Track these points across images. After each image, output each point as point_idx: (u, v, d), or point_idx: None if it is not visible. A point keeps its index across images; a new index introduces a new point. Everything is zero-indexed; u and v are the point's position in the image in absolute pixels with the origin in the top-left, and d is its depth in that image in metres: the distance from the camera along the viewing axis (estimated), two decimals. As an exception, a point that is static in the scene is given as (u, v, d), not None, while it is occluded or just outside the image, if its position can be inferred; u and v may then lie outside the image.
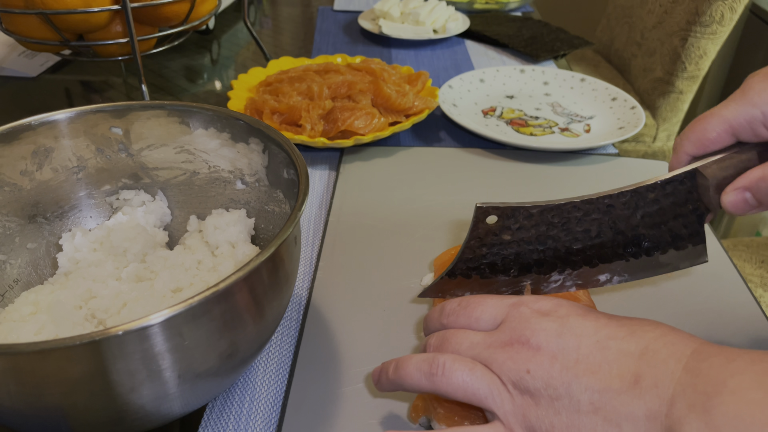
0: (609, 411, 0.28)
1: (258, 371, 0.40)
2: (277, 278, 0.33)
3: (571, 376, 0.29)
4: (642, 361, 0.28)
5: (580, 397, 0.28)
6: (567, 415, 0.28)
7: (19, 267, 0.42)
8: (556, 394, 0.29)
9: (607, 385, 0.28)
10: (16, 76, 0.83)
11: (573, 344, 0.30)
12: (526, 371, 0.30)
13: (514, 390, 0.30)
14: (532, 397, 0.29)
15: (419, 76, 0.72)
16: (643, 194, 0.35)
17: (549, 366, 0.29)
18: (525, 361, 0.30)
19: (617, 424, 0.27)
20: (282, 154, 0.40)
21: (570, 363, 0.29)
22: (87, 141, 0.44)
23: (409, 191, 0.58)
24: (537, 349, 0.30)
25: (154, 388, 0.29)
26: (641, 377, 0.28)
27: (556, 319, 0.31)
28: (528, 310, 0.32)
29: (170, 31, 0.70)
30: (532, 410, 0.29)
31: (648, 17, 1.44)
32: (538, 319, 0.31)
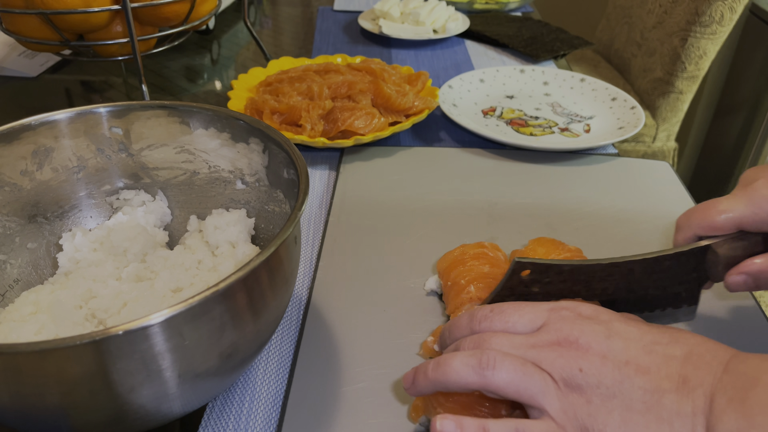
0: (661, 410, 0.28)
1: (258, 371, 0.40)
2: (277, 278, 0.33)
3: (623, 375, 0.29)
4: (687, 364, 0.30)
5: (633, 396, 0.29)
6: (620, 413, 0.29)
7: (19, 267, 0.42)
8: (608, 392, 0.29)
9: (658, 385, 0.29)
10: (16, 76, 0.83)
11: (621, 346, 0.31)
12: (578, 369, 0.30)
13: (565, 388, 0.30)
14: (584, 395, 0.30)
15: (419, 76, 0.72)
16: (660, 262, 0.38)
17: (600, 365, 0.30)
18: (576, 359, 0.30)
19: (669, 422, 0.28)
20: (282, 154, 0.40)
21: (621, 363, 0.30)
22: (87, 141, 0.44)
23: (409, 191, 0.58)
24: (587, 349, 0.31)
25: (154, 387, 0.29)
26: (688, 378, 0.29)
27: (600, 322, 0.32)
28: (570, 314, 0.33)
29: (170, 31, 0.70)
30: (584, 408, 0.29)
31: (648, 17, 1.44)
32: (583, 320, 0.32)
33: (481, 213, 0.55)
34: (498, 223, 0.54)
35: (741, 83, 1.60)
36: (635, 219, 0.55)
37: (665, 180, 0.61)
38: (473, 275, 0.42)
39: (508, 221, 0.54)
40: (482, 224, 0.54)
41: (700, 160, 1.75)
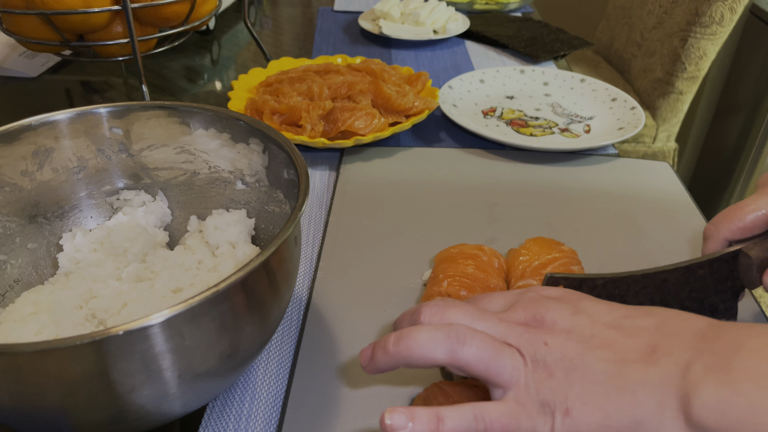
0: (622, 379, 0.27)
1: (258, 371, 0.40)
2: (277, 278, 0.33)
3: (585, 348, 0.29)
4: (658, 333, 0.28)
5: (595, 368, 0.28)
6: (581, 385, 0.28)
7: (19, 267, 0.42)
8: (571, 365, 0.28)
9: (622, 356, 0.28)
10: (16, 76, 0.83)
11: (587, 321, 0.30)
12: (543, 343, 0.29)
13: (532, 364, 0.29)
14: (547, 370, 0.29)
15: (419, 77, 0.72)
16: (693, 271, 0.38)
17: (565, 339, 0.29)
18: (542, 334, 0.30)
19: (632, 391, 0.27)
20: (282, 155, 0.40)
21: (585, 337, 0.29)
22: (87, 141, 0.44)
23: (409, 191, 0.58)
24: (552, 325, 0.30)
25: (154, 388, 0.29)
26: (657, 347, 0.28)
27: (567, 301, 0.32)
28: (537, 295, 0.32)
29: (171, 31, 0.70)
30: (546, 383, 0.29)
31: (648, 18, 1.44)
32: (550, 300, 0.32)
33: (481, 213, 0.55)
34: (498, 224, 0.54)
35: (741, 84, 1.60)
36: (635, 219, 0.55)
37: (665, 180, 0.61)
38: (453, 272, 0.42)
39: (508, 221, 0.54)
40: (482, 224, 0.54)
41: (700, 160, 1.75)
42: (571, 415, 0.27)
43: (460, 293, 0.41)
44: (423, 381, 0.39)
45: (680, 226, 0.54)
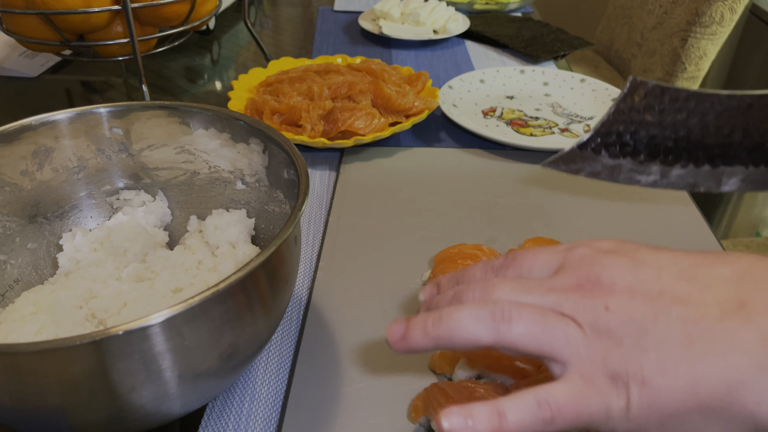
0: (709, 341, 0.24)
1: (258, 371, 0.40)
2: (277, 278, 0.33)
3: (656, 308, 0.25)
4: (743, 284, 0.25)
5: (671, 329, 0.24)
6: (656, 351, 0.24)
7: (19, 267, 0.42)
8: (641, 329, 0.25)
9: (704, 313, 0.24)
10: (16, 76, 0.83)
11: (652, 275, 0.26)
12: (604, 308, 0.25)
13: (592, 333, 0.25)
14: (612, 338, 0.25)
15: (419, 77, 0.72)
16: None
17: (629, 300, 0.25)
18: (601, 298, 0.26)
19: (723, 354, 0.23)
20: (282, 155, 0.40)
21: (653, 295, 0.25)
22: (87, 141, 0.44)
23: (409, 191, 0.58)
24: (611, 286, 0.26)
25: (154, 388, 0.29)
26: (747, 301, 0.24)
27: (624, 254, 0.27)
28: (588, 250, 0.28)
29: (171, 31, 0.70)
30: (614, 352, 0.25)
31: (648, 18, 1.44)
32: (603, 256, 0.27)
33: (481, 213, 0.55)
34: (498, 224, 0.54)
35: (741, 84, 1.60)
36: (635, 220, 0.55)
37: (665, 180, 0.61)
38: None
39: (507, 221, 0.54)
40: (482, 224, 0.54)
41: (700, 160, 1.75)
42: (649, 386, 0.24)
43: None
44: (423, 381, 0.39)
45: (680, 227, 0.54)
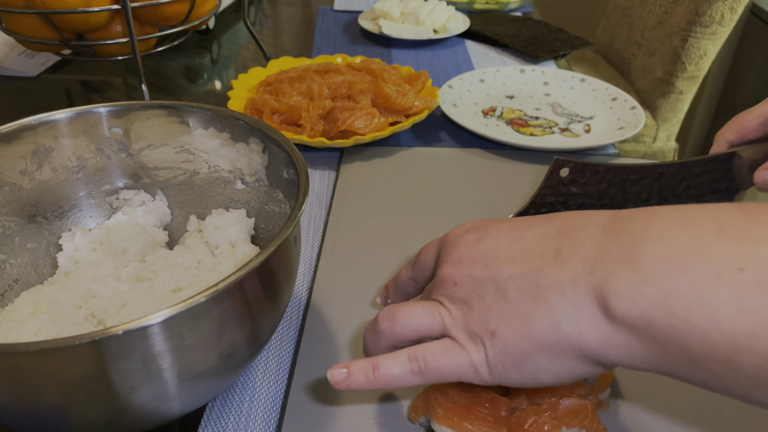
0: (533, 288, 0.28)
1: (258, 371, 0.40)
2: (276, 278, 0.33)
3: (493, 271, 0.29)
4: (561, 236, 0.28)
5: (506, 286, 0.29)
6: (497, 306, 0.29)
7: (18, 267, 0.42)
8: (483, 292, 0.29)
9: (528, 267, 0.28)
10: (16, 75, 0.83)
11: (491, 245, 0.30)
12: (453, 284, 0.30)
13: (450, 304, 0.30)
14: (466, 305, 0.30)
15: (419, 76, 0.72)
16: (689, 168, 0.41)
17: (471, 271, 0.30)
18: (451, 276, 0.31)
19: (544, 298, 0.27)
20: (282, 154, 0.40)
21: (490, 261, 0.30)
22: (87, 141, 0.44)
23: (409, 191, 0.58)
24: (459, 262, 0.31)
25: (153, 387, 0.29)
26: (561, 250, 0.28)
27: (476, 229, 0.32)
28: (453, 234, 0.33)
29: (170, 30, 0.70)
30: (469, 316, 0.29)
31: (648, 17, 1.44)
32: (462, 235, 0.32)
33: (481, 213, 0.55)
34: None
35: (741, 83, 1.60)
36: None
37: (665, 180, 0.61)
38: None
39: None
40: (482, 224, 0.54)
41: (700, 160, 1.75)
42: (496, 336, 0.28)
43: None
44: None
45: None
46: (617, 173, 0.41)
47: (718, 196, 0.42)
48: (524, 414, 0.33)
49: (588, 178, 0.41)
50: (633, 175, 0.41)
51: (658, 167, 0.41)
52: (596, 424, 0.33)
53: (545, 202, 0.42)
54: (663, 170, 0.41)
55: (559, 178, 0.41)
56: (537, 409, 0.33)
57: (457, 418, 0.33)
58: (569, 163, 0.40)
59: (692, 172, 0.41)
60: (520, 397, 0.34)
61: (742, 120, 0.41)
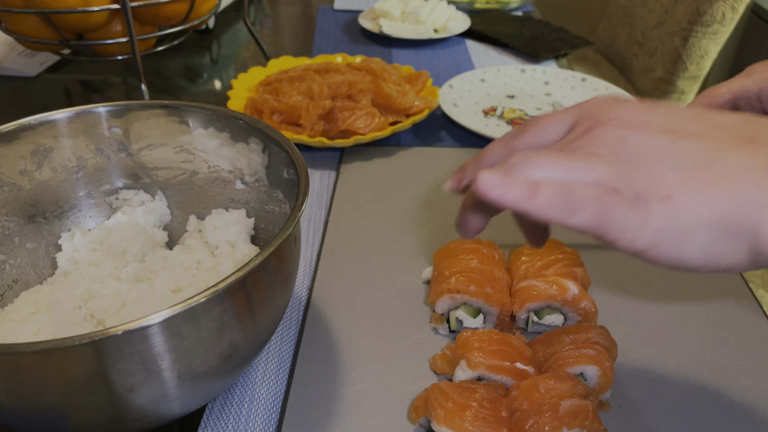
0: (723, 164, 0.25)
1: (258, 371, 0.40)
2: (276, 278, 0.33)
3: (672, 138, 0.27)
4: (748, 126, 0.27)
5: (688, 154, 0.26)
6: (675, 173, 0.26)
7: (18, 267, 0.42)
8: (659, 155, 0.26)
9: (718, 144, 0.26)
10: (15, 75, 0.83)
11: (667, 116, 0.28)
12: (621, 138, 0.27)
13: (612, 158, 0.27)
14: (633, 162, 0.26)
15: (420, 76, 0.72)
16: None
17: (645, 132, 0.27)
18: (615, 132, 0.27)
19: (734, 175, 0.25)
20: (282, 154, 0.40)
21: (670, 129, 0.27)
22: (86, 140, 0.43)
23: (409, 191, 0.58)
24: (626, 122, 0.28)
25: (153, 388, 0.29)
26: (755, 137, 0.26)
27: (637, 104, 0.29)
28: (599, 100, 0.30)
29: (170, 30, 0.70)
30: (636, 173, 0.26)
31: (649, 17, 1.44)
32: (616, 102, 0.29)
33: (481, 213, 0.55)
34: (498, 223, 0.54)
35: (742, 83, 1.59)
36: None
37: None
38: (459, 268, 0.42)
39: (508, 221, 0.54)
40: (483, 224, 0.54)
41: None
42: (673, 200, 0.25)
43: (469, 288, 0.41)
44: (423, 381, 0.38)
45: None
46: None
47: None
48: (525, 414, 0.33)
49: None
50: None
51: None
52: (597, 425, 0.33)
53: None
54: None
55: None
56: (538, 409, 0.33)
57: (458, 418, 0.33)
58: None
59: None
60: (521, 398, 0.34)
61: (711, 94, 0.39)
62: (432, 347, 0.41)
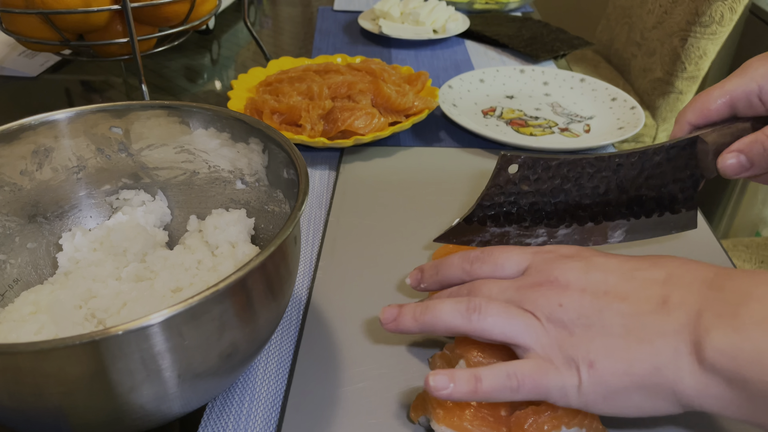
0: (640, 331, 0.29)
1: (258, 371, 0.40)
2: (277, 278, 0.33)
3: (602, 304, 0.30)
4: (667, 285, 0.30)
5: (612, 322, 0.30)
6: (601, 340, 0.29)
7: (19, 267, 0.42)
8: (588, 322, 0.30)
9: (638, 308, 0.29)
10: (16, 75, 0.83)
11: (600, 278, 0.31)
12: (558, 305, 0.31)
13: (549, 324, 0.31)
14: (566, 329, 0.30)
15: (419, 76, 0.72)
16: (649, 156, 0.38)
17: (579, 298, 0.31)
18: (556, 296, 0.31)
19: (649, 341, 0.28)
20: (282, 154, 0.40)
21: (599, 294, 0.31)
22: (87, 141, 0.44)
23: (409, 191, 0.58)
24: (566, 286, 0.32)
25: (153, 387, 0.29)
26: (669, 298, 0.29)
27: (581, 259, 0.33)
28: (551, 255, 0.34)
29: (170, 31, 0.70)
30: (568, 340, 0.30)
31: (648, 17, 1.44)
32: (564, 260, 0.33)
33: (480, 213, 0.55)
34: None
35: (741, 83, 1.60)
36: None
37: (665, 180, 0.61)
38: None
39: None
40: (482, 224, 0.54)
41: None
42: (595, 367, 0.29)
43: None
44: (423, 381, 0.38)
45: (680, 226, 0.54)
46: (571, 167, 0.38)
47: (681, 186, 0.39)
48: (524, 414, 0.33)
49: (540, 174, 0.38)
50: (589, 168, 0.38)
51: (614, 158, 0.38)
52: (596, 424, 0.33)
53: (493, 203, 0.39)
54: (621, 161, 0.38)
55: (508, 176, 0.38)
56: (537, 408, 0.33)
57: (457, 417, 0.33)
58: (518, 158, 0.37)
59: (652, 161, 0.38)
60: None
61: (705, 100, 0.37)
62: (432, 347, 0.41)
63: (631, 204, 0.39)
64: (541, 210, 0.39)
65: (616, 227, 0.41)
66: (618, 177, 0.38)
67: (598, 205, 0.39)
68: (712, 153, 0.37)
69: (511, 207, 0.39)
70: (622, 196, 0.39)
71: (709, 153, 0.37)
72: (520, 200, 0.39)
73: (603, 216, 0.40)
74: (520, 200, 0.39)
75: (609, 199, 0.39)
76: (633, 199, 0.39)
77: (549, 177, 0.38)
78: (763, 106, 0.36)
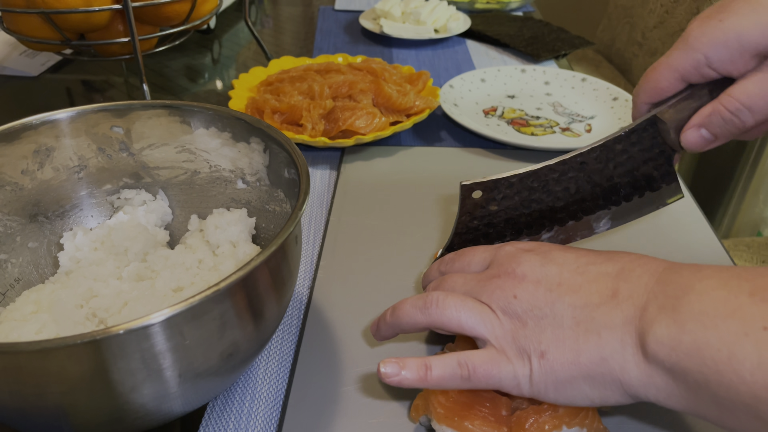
0: (589, 322, 0.30)
1: (258, 371, 0.40)
2: (277, 278, 0.33)
3: (554, 296, 0.31)
4: (619, 278, 0.31)
5: (563, 314, 0.31)
6: (552, 331, 0.31)
7: (20, 266, 0.42)
8: (541, 314, 0.31)
9: (588, 301, 0.31)
10: (17, 75, 0.83)
11: (555, 271, 0.32)
12: (513, 296, 0.32)
13: (503, 316, 0.32)
14: (520, 320, 0.32)
15: (420, 76, 0.72)
16: (611, 147, 0.38)
17: (533, 290, 0.32)
18: (511, 288, 0.32)
19: (597, 333, 0.30)
20: (283, 154, 0.40)
21: (553, 286, 0.32)
22: (88, 140, 0.44)
23: (409, 191, 0.58)
24: (522, 278, 0.33)
25: (154, 387, 0.29)
26: (618, 291, 0.30)
27: (539, 252, 0.34)
28: (513, 249, 0.35)
29: (171, 30, 0.70)
30: (521, 331, 0.31)
31: (649, 17, 1.44)
32: (523, 253, 0.34)
33: (481, 213, 0.55)
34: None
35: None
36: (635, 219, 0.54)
37: (666, 180, 0.61)
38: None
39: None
40: (483, 224, 0.54)
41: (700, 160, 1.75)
42: (546, 357, 0.30)
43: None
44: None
45: (681, 226, 0.54)
46: (534, 177, 0.38)
47: (654, 164, 0.38)
48: (525, 413, 0.33)
49: (504, 192, 0.38)
50: (552, 173, 0.38)
51: (576, 157, 0.37)
52: (597, 424, 0.33)
53: (469, 229, 0.40)
54: (583, 158, 0.37)
55: (474, 201, 0.38)
56: (538, 408, 0.33)
57: (458, 417, 0.33)
58: (478, 185, 0.38)
59: (615, 150, 0.37)
60: (521, 396, 0.34)
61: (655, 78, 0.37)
62: (432, 346, 0.41)
63: (608, 194, 0.39)
64: (517, 223, 0.40)
65: (599, 218, 0.41)
66: (585, 174, 0.38)
67: (573, 203, 0.39)
68: (673, 130, 0.37)
69: (488, 228, 0.40)
70: (596, 190, 0.39)
71: (670, 130, 0.37)
72: (493, 219, 0.39)
73: (582, 212, 0.40)
74: (493, 219, 0.39)
75: (583, 196, 0.39)
76: (607, 189, 0.39)
77: (515, 193, 0.38)
78: (716, 72, 0.36)
